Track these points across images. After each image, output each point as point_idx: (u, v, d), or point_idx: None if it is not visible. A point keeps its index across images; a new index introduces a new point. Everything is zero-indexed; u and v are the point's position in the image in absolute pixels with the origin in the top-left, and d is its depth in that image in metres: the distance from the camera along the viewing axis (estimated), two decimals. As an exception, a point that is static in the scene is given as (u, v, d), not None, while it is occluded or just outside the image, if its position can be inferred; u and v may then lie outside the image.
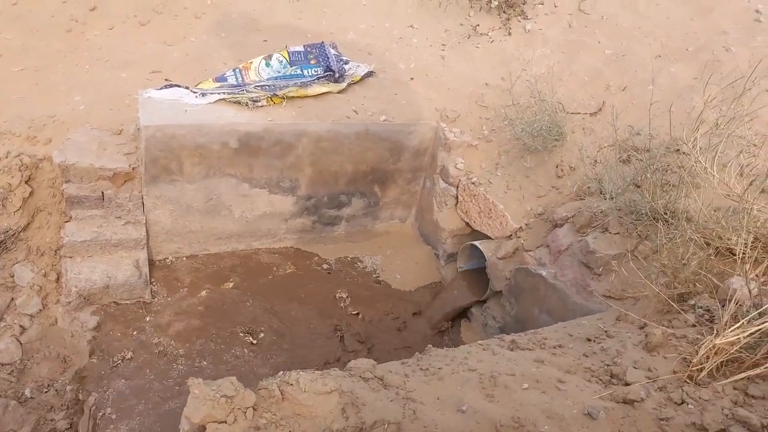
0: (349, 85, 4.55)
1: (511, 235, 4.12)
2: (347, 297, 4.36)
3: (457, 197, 4.51)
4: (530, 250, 3.96)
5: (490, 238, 4.29)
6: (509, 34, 5.11)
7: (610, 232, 3.47)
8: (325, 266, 4.61)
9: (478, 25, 5.12)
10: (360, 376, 2.39)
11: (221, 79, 4.36)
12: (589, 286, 3.41)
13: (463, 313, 4.54)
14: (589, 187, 3.82)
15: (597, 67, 4.71)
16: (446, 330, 4.44)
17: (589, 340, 2.73)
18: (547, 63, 4.72)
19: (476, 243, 4.27)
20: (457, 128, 4.52)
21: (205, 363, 3.72)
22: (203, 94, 4.13)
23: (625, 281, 3.20)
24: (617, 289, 3.24)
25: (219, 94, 4.14)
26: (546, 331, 2.94)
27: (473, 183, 4.36)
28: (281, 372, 2.33)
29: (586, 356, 2.56)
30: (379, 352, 4.06)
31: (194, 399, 2.08)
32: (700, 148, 2.96)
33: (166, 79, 4.27)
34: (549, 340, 2.78)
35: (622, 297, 3.21)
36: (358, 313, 4.29)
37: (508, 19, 5.14)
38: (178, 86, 4.20)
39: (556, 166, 4.16)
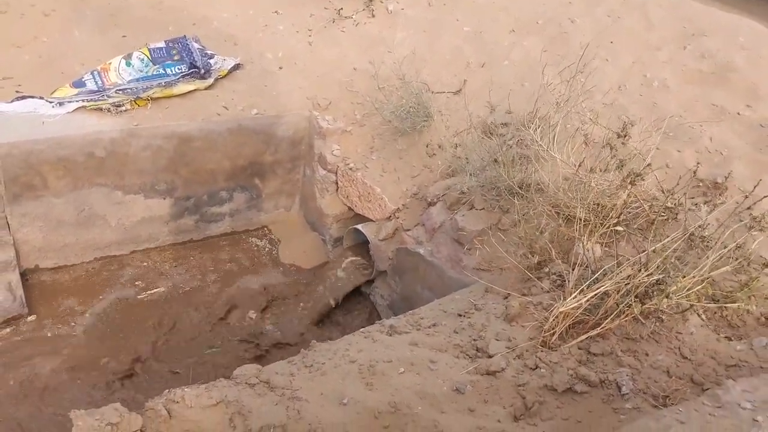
0: (217, 80, 4.49)
1: (390, 217, 4.29)
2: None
3: (337, 183, 4.62)
4: (409, 230, 4.16)
5: (372, 220, 4.45)
6: (373, 15, 5.20)
7: (476, 209, 3.72)
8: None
9: (342, 8, 5.16)
10: (246, 383, 2.49)
11: (79, 84, 4.18)
12: (461, 261, 3.66)
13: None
14: (455, 167, 4.04)
15: (457, 45, 4.92)
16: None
17: (460, 315, 2.97)
18: (409, 44, 4.86)
19: (359, 227, 4.41)
20: (330, 115, 4.59)
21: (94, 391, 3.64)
22: (60, 103, 3.95)
23: (491, 255, 3.46)
24: (486, 262, 3.50)
25: (78, 102, 3.97)
26: (423, 310, 3.15)
27: (350, 168, 4.48)
28: (167, 390, 2.39)
29: (456, 333, 2.79)
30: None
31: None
32: (542, 129, 3.23)
33: (17, 91, 4.03)
34: (425, 320, 2.99)
35: (490, 269, 3.48)
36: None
37: (371, 1, 5.22)
38: (32, 97, 3.99)
39: (426, 146, 4.36)
